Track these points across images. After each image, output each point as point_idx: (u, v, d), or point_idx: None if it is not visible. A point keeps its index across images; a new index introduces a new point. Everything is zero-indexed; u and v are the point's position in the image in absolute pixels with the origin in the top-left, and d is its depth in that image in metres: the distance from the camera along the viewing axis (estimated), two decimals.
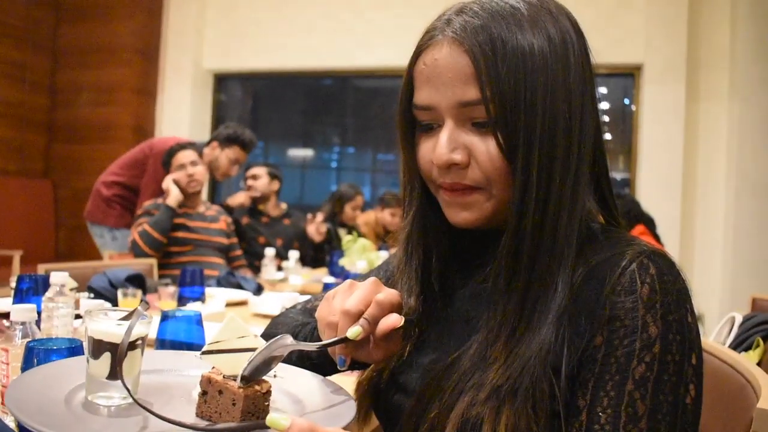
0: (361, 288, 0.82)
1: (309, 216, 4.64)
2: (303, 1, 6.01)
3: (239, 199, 4.55)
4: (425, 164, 0.86)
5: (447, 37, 0.80)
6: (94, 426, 0.69)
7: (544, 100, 0.77)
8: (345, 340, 0.79)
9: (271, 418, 0.63)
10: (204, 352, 0.73)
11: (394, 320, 0.79)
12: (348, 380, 0.95)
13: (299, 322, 1.02)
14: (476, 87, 0.78)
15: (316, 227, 4.55)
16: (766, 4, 4.98)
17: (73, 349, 1.07)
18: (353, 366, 0.88)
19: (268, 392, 0.73)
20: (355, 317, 0.79)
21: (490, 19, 0.78)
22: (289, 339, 0.76)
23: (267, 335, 0.95)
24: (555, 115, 0.78)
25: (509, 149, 0.78)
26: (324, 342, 0.80)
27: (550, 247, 0.79)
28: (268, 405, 0.73)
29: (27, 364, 1.05)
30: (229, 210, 4.39)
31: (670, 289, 0.75)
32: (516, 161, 0.78)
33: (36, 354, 1.05)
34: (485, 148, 0.80)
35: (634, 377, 0.73)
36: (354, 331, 0.78)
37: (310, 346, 0.80)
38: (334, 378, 0.88)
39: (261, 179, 4.53)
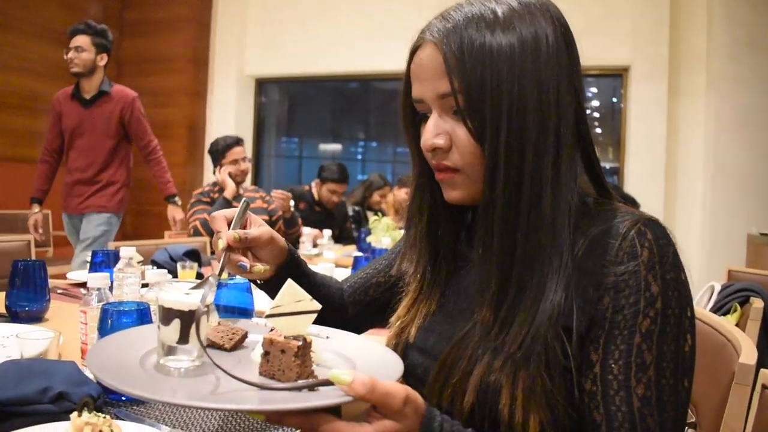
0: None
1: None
2: (330, 15, 5.97)
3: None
4: (422, 148, 0.85)
5: (429, 41, 0.80)
6: (167, 385, 0.67)
7: (511, 88, 0.75)
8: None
9: (334, 374, 0.61)
10: (268, 315, 0.71)
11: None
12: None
13: None
14: (448, 81, 0.77)
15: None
16: (739, 11, 4.89)
17: (140, 311, 1.07)
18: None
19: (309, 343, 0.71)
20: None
21: (464, 24, 0.77)
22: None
23: None
24: (523, 100, 0.75)
25: (478, 133, 0.77)
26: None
27: (536, 220, 0.76)
28: (310, 356, 0.70)
29: (102, 323, 1.06)
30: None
31: (666, 251, 0.74)
32: (485, 143, 0.76)
33: (110, 315, 1.05)
34: (461, 133, 0.79)
35: (641, 331, 0.72)
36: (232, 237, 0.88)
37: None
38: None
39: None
